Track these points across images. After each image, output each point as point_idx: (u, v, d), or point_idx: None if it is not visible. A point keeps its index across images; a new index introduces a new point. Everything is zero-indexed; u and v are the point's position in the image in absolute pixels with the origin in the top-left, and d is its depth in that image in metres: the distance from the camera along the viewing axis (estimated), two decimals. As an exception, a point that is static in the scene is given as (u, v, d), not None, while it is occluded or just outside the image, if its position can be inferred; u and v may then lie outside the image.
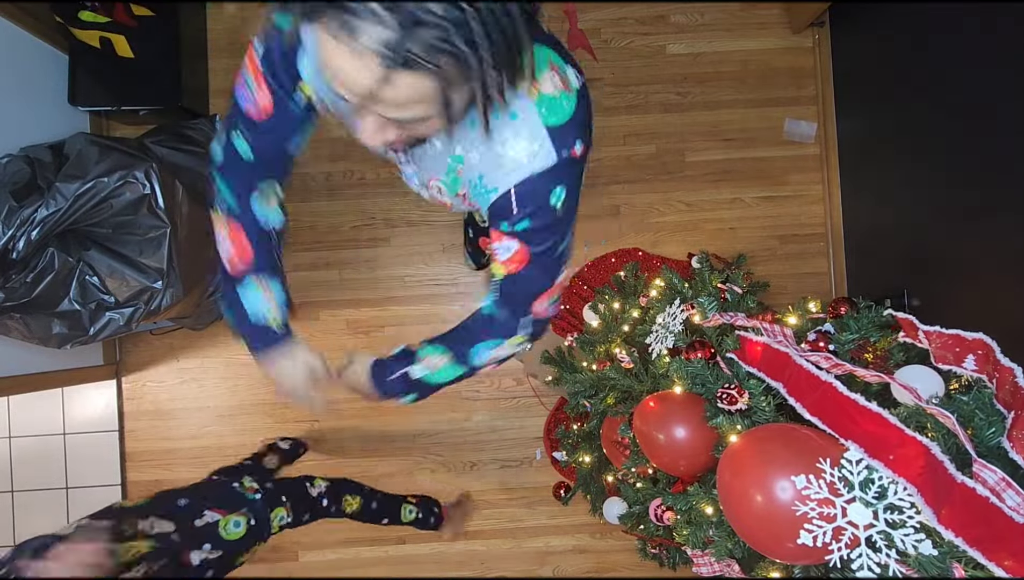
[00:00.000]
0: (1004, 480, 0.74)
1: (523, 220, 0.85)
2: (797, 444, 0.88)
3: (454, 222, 2.28)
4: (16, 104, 1.84)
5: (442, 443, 2.30)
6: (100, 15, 1.83)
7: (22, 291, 1.62)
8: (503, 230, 0.88)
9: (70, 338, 1.73)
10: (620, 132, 2.27)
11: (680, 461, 1.17)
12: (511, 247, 0.89)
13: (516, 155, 0.81)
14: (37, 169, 1.63)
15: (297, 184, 2.28)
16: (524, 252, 0.89)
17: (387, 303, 2.29)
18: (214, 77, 2.27)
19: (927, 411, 0.83)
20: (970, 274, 1.60)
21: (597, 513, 1.76)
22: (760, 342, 1.07)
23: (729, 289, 1.46)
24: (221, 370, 2.28)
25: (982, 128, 1.51)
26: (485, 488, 2.31)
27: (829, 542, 0.80)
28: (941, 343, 0.89)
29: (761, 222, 2.30)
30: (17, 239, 1.55)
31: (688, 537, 1.15)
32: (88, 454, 2.26)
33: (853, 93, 2.14)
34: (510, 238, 0.88)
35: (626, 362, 1.52)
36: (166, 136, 1.98)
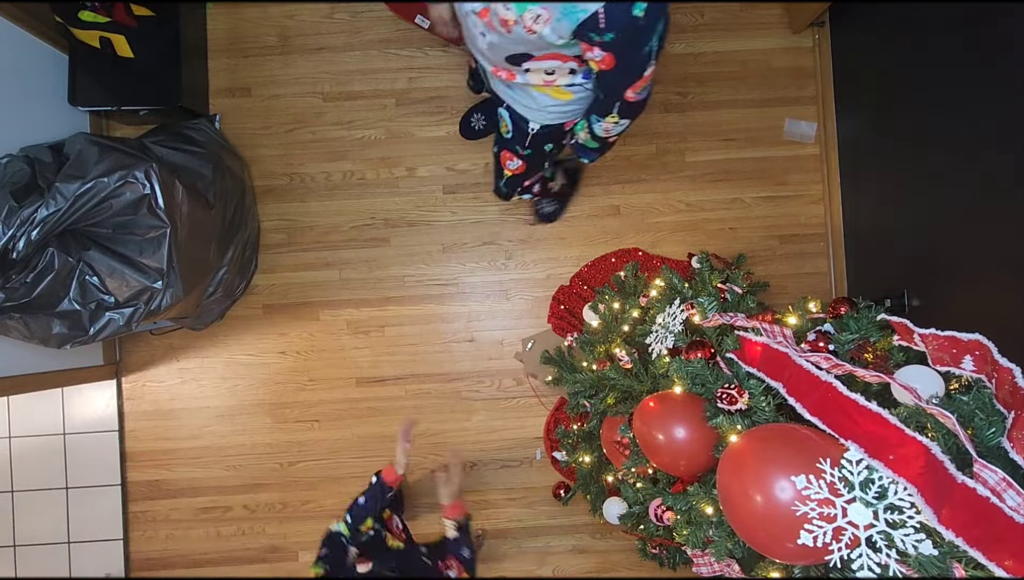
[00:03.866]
0: (1005, 480, 0.74)
1: (607, 33, 1.01)
2: (797, 444, 0.88)
3: (454, 222, 2.28)
4: (16, 104, 1.84)
5: (442, 443, 2.30)
6: (100, 15, 1.83)
7: (22, 291, 1.62)
8: (592, 40, 1.04)
9: (70, 338, 1.73)
10: (620, 132, 2.27)
11: (680, 461, 1.17)
12: (599, 55, 1.07)
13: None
14: (37, 169, 1.63)
15: (297, 184, 2.28)
16: (610, 57, 1.07)
17: (387, 303, 2.29)
18: (214, 77, 2.27)
19: (927, 411, 0.83)
20: (970, 274, 1.60)
21: (597, 513, 1.76)
22: (760, 342, 1.07)
23: (729, 289, 1.46)
24: (221, 370, 2.28)
25: (982, 128, 1.51)
26: (485, 488, 2.31)
27: (829, 542, 0.80)
28: (937, 345, 0.89)
29: (761, 222, 2.30)
30: (17, 239, 1.55)
31: (688, 537, 1.15)
32: (88, 454, 2.26)
33: (853, 93, 2.14)
34: (598, 48, 1.05)
35: (626, 362, 1.52)
36: (166, 136, 1.98)
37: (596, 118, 1.30)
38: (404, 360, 2.29)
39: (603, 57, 1.07)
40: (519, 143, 1.52)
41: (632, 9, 0.97)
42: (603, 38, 1.02)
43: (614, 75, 1.12)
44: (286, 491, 2.29)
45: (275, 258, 2.29)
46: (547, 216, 2.25)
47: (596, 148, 1.44)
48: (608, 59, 1.07)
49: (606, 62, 1.08)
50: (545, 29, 1.05)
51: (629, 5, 0.96)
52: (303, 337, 2.29)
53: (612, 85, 1.17)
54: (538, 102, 1.37)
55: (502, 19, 1.07)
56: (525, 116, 1.43)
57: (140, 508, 2.28)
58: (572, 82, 1.29)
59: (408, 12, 2.19)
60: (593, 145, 1.42)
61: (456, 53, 2.27)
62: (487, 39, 1.18)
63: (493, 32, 1.14)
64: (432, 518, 2.24)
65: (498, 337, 2.30)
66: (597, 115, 1.28)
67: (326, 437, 2.28)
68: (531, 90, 1.34)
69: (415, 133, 2.28)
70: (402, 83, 2.28)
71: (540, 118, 1.41)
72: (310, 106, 2.28)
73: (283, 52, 2.27)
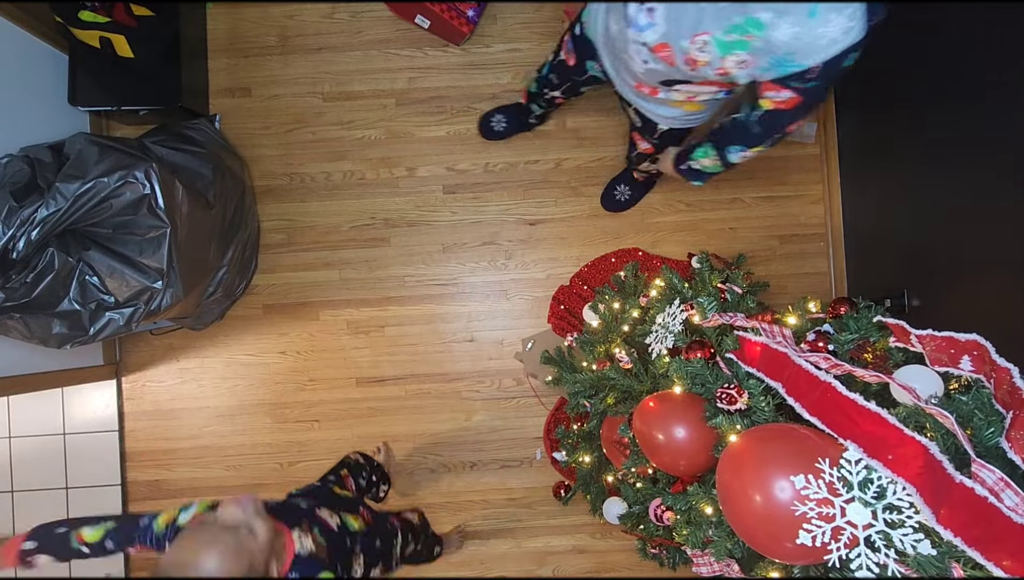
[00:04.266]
0: (1002, 480, 0.74)
1: (813, 81, 0.98)
2: (796, 444, 0.88)
3: (454, 222, 2.29)
4: (16, 104, 1.84)
5: (442, 443, 2.30)
6: (100, 15, 1.83)
7: (22, 291, 1.62)
8: (789, 86, 1.01)
9: (70, 338, 1.73)
10: (621, 132, 2.27)
11: (680, 461, 1.17)
12: (787, 96, 1.03)
13: (833, 33, 0.90)
14: (37, 169, 1.63)
15: (297, 184, 2.28)
16: (797, 99, 1.04)
17: (387, 303, 2.29)
18: (214, 77, 2.27)
19: (926, 411, 0.83)
20: (970, 274, 1.60)
21: (597, 513, 1.76)
22: (759, 342, 1.07)
23: (729, 289, 1.46)
24: (221, 370, 2.28)
25: (982, 128, 1.51)
26: (485, 488, 2.31)
27: (828, 542, 0.80)
28: (935, 346, 0.89)
29: (761, 222, 2.30)
30: (17, 239, 1.55)
31: (688, 537, 1.15)
32: (88, 454, 2.27)
33: (853, 93, 2.14)
34: (789, 91, 1.02)
35: (626, 362, 1.52)
36: (166, 136, 1.98)
37: (739, 148, 1.25)
38: (404, 360, 2.29)
39: (789, 99, 1.04)
40: (649, 133, 1.51)
41: (844, 61, 0.94)
42: (805, 85, 0.99)
43: (789, 114, 1.09)
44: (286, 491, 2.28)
45: (275, 258, 2.29)
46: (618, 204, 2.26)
47: (716, 173, 1.38)
48: (793, 101, 1.04)
49: (788, 104, 1.05)
50: (742, 73, 1.02)
51: (844, 58, 0.94)
52: (303, 337, 2.29)
53: (781, 123, 1.14)
54: (670, 112, 1.36)
55: (689, 59, 1.04)
56: (653, 119, 1.42)
57: (140, 508, 2.28)
58: (714, 98, 1.26)
59: (408, 12, 2.19)
60: (716, 171, 1.36)
61: (456, 53, 2.27)
62: (648, 66, 1.15)
63: (662, 63, 1.11)
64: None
65: (498, 337, 2.30)
66: (744, 145, 1.23)
67: (326, 437, 2.29)
68: (666, 105, 1.33)
69: (415, 133, 2.28)
70: (402, 83, 2.28)
71: (669, 124, 1.42)
72: (310, 106, 2.28)
73: (283, 52, 2.27)
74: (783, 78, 0.99)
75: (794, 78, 0.98)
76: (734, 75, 1.03)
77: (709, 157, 1.32)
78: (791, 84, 1.00)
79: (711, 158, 1.32)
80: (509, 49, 2.27)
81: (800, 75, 0.97)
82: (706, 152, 1.32)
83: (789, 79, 0.99)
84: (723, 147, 1.27)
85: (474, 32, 2.23)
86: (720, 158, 1.30)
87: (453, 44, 2.26)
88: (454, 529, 2.26)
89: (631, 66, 1.21)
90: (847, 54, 0.93)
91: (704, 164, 1.35)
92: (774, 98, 1.06)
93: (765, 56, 0.97)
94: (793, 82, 0.99)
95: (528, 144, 2.28)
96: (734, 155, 1.27)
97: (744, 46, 0.97)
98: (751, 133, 1.19)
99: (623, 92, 1.41)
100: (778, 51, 0.95)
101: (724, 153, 1.28)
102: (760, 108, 1.11)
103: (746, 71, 1.01)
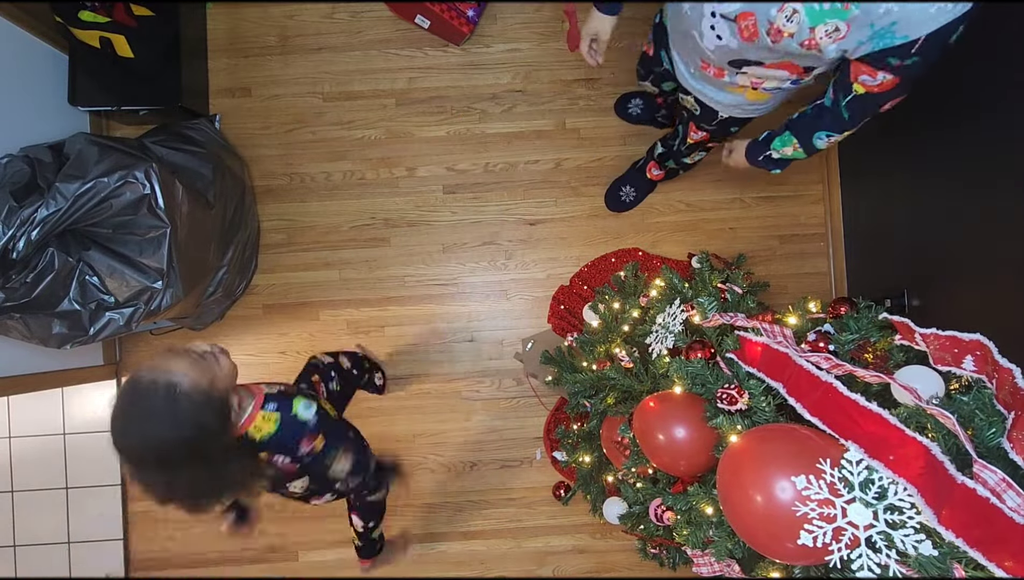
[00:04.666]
0: (1004, 481, 0.74)
1: (914, 58, 0.88)
2: (797, 444, 0.88)
3: (454, 222, 2.28)
4: (16, 104, 1.84)
5: (442, 443, 2.30)
6: (100, 15, 1.83)
7: (22, 291, 1.62)
8: (886, 65, 0.91)
9: (70, 338, 1.73)
10: (620, 132, 2.27)
11: (680, 461, 1.17)
12: (883, 78, 0.94)
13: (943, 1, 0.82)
14: (37, 169, 1.63)
15: (297, 184, 2.28)
16: (894, 81, 0.95)
17: (387, 303, 2.29)
18: (214, 77, 2.27)
19: (927, 412, 0.83)
20: (970, 274, 1.60)
21: (597, 513, 1.76)
22: (760, 342, 1.07)
23: (729, 289, 1.46)
24: (221, 370, 2.28)
25: (982, 128, 1.51)
26: (485, 488, 2.31)
27: (829, 542, 0.80)
28: (938, 345, 0.89)
29: (761, 222, 2.30)
30: (17, 239, 1.55)
31: (688, 537, 1.15)
32: (88, 454, 2.26)
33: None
34: (886, 71, 0.93)
35: (626, 362, 1.52)
36: (166, 136, 1.98)
37: (827, 133, 1.18)
38: (404, 360, 2.29)
39: (884, 81, 0.95)
40: (706, 121, 1.47)
41: (950, 37, 0.86)
42: (904, 62, 0.90)
43: (885, 96, 1.00)
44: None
45: (275, 258, 2.29)
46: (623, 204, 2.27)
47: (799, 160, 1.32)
48: (890, 83, 0.95)
49: (884, 86, 0.96)
50: (832, 46, 0.93)
51: (950, 32, 0.85)
52: (303, 337, 2.29)
53: (872, 106, 1.05)
54: (732, 99, 1.32)
55: (775, 29, 0.96)
56: (713, 107, 1.39)
57: (140, 508, 2.27)
58: (779, 87, 1.21)
59: (408, 12, 2.19)
60: (799, 157, 1.30)
61: (456, 53, 2.27)
62: (722, 42, 1.09)
63: (737, 38, 1.05)
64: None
65: (498, 337, 2.30)
66: (832, 132, 1.17)
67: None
68: (728, 91, 1.28)
69: (415, 133, 2.28)
70: (402, 83, 2.28)
71: (729, 112, 1.39)
72: (310, 106, 2.28)
73: (283, 52, 2.27)
74: (879, 55, 0.90)
75: (892, 54, 0.88)
76: (824, 48, 0.94)
77: (790, 145, 1.27)
78: (889, 62, 0.90)
79: (792, 146, 1.27)
80: (509, 49, 2.27)
81: (900, 50, 0.87)
82: (786, 141, 1.27)
83: (886, 55, 0.89)
84: (808, 133, 1.21)
85: (474, 32, 2.23)
86: (804, 145, 1.25)
87: (453, 44, 2.26)
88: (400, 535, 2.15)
89: (700, 44, 1.15)
90: (956, 26, 0.84)
91: (786, 153, 1.30)
92: (868, 83, 0.97)
93: (863, 27, 0.88)
94: (891, 59, 0.90)
95: (528, 144, 2.28)
96: (821, 141, 1.21)
97: (840, 15, 0.88)
98: (840, 119, 1.11)
99: (684, 80, 1.37)
100: (879, 21, 0.86)
101: (810, 140, 1.22)
102: (852, 93, 1.02)
103: (838, 44, 0.92)
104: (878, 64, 0.93)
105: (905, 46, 0.87)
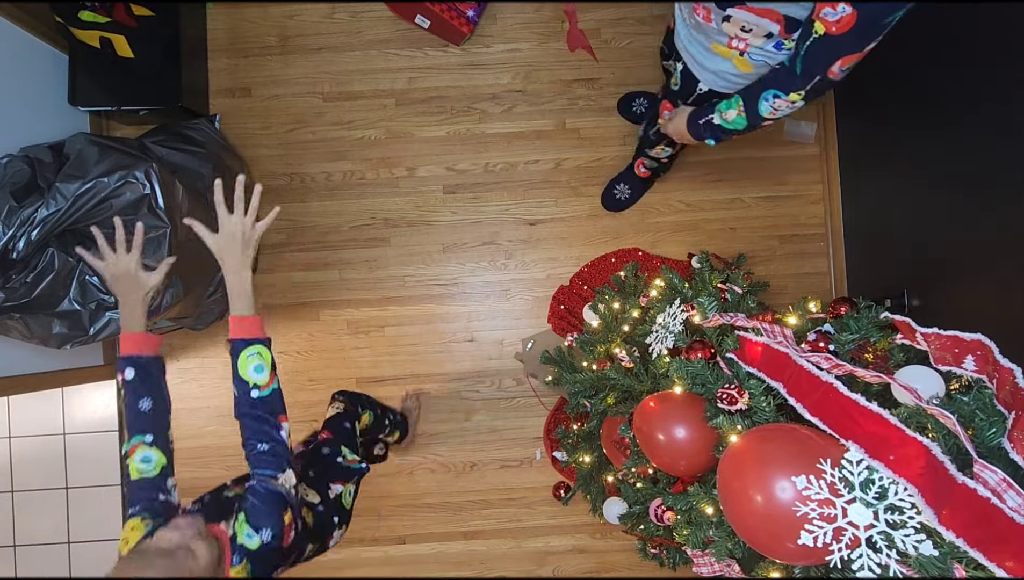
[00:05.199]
0: (1005, 481, 0.74)
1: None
2: (797, 444, 0.88)
3: (454, 222, 2.28)
4: (16, 104, 1.84)
5: (442, 443, 2.30)
6: (100, 15, 1.83)
7: (22, 291, 1.62)
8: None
9: (70, 338, 1.73)
10: (620, 132, 2.27)
11: (680, 461, 1.17)
12: (843, 11, 0.97)
13: None
14: (37, 169, 1.63)
15: (297, 184, 2.28)
16: (852, 16, 0.97)
17: (387, 303, 2.29)
18: (214, 77, 2.27)
19: (928, 411, 0.83)
20: (970, 274, 1.60)
21: (597, 513, 1.76)
22: (760, 342, 1.07)
23: (729, 289, 1.46)
24: (220, 370, 2.28)
25: (982, 127, 1.51)
26: (485, 488, 2.31)
27: (829, 542, 0.80)
28: (940, 344, 0.89)
29: (761, 222, 2.30)
30: (17, 239, 1.55)
31: (688, 537, 1.15)
32: (88, 454, 2.26)
33: (853, 93, 2.14)
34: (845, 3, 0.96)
35: (626, 362, 1.52)
36: (166, 136, 1.98)
37: (773, 93, 1.16)
38: (404, 360, 2.29)
39: (843, 17, 0.97)
40: (683, 97, 1.46)
41: None
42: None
43: (839, 42, 1.02)
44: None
45: (275, 258, 2.28)
46: (618, 203, 2.26)
47: (738, 131, 1.29)
48: (848, 19, 0.97)
49: (843, 23, 0.98)
50: None
51: None
52: (303, 337, 2.29)
53: (826, 55, 1.06)
54: (716, 64, 1.30)
55: None
56: (697, 76, 1.37)
57: (140, 508, 2.27)
58: (762, 49, 1.19)
59: (408, 12, 2.19)
60: (738, 128, 1.27)
61: (456, 53, 2.27)
62: None
63: None
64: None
65: (498, 337, 2.30)
66: (780, 90, 1.15)
67: (326, 437, 2.28)
68: (715, 52, 1.27)
69: (415, 133, 2.28)
70: (402, 83, 2.28)
71: (711, 81, 1.36)
72: (310, 106, 2.28)
73: (283, 52, 2.27)
74: None
75: None
76: None
77: (735, 109, 1.24)
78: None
79: (737, 109, 1.24)
80: (509, 49, 2.27)
81: None
82: (732, 104, 1.25)
83: None
84: (756, 94, 1.20)
85: (474, 32, 2.23)
86: (747, 109, 1.22)
87: (453, 44, 2.26)
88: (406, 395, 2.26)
89: None
90: None
91: (728, 117, 1.27)
92: (829, 17, 0.99)
93: None
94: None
95: (528, 144, 2.28)
96: (765, 104, 1.18)
97: None
98: (792, 75, 1.12)
99: (679, 39, 1.37)
100: None
101: (756, 103, 1.20)
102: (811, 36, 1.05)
103: None
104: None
105: None
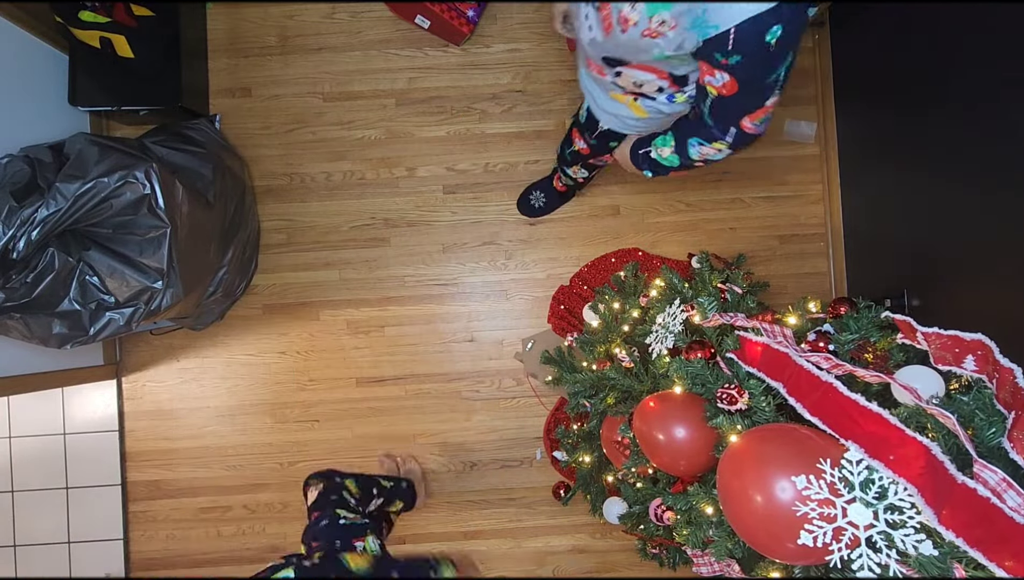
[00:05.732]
0: (1005, 481, 0.74)
1: (735, 55, 0.94)
2: (797, 444, 0.88)
3: (454, 222, 2.28)
4: (16, 104, 1.84)
5: (442, 443, 2.30)
6: (100, 15, 1.83)
7: (22, 291, 1.62)
8: (715, 62, 0.98)
9: (70, 338, 1.73)
10: (620, 132, 2.27)
11: (680, 461, 1.17)
12: (722, 78, 1.00)
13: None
14: (37, 169, 1.63)
15: (297, 184, 2.28)
16: (733, 83, 1.00)
17: (387, 303, 2.29)
18: (214, 77, 2.27)
19: (927, 411, 0.83)
20: (970, 274, 1.60)
21: (597, 513, 1.76)
22: (760, 342, 1.07)
23: (729, 289, 1.46)
24: (221, 370, 2.28)
25: (982, 128, 1.51)
26: (485, 488, 2.31)
27: (829, 542, 0.80)
28: (940, 344, 0.89)
29: (761, 222, 2.30)
30: (17, 239, 1.55)
31: (688, 537, 1.15)
32: (88, 454, 2.26)
33: (853, 93, 2.14)
34: (721, 70, 0.99)
35: (626, 362, 1.52)
36: (166, 136, 1.98)
37: (698, 141, 1.19)
38: (404, 360, 2.29)
39: (725, 82, 1.00)
40: (588, 131, 1.50)
41: (765, 35, 0.90)
42: (729, 60, 0.95)
43: (733, 102, 1.05)
44: (286, 491, 2.28)
45: (275, 258, 2.29)
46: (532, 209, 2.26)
47: (674, 167, 1.32)
48: (731, 84, 1.00)
49: (728, 88, 1.01)
50: (669, 34, 0.99)
51: (763, 30, 0.89)
52: (303, 337, 2.29)
53: (729, 113, 1.09)
54: (614, 108, 1.34)
55: (623, 17, 1.02)
56: (597, 116, 1.42)
57: (140, 508, 2.28)
58: (656, 100, 1.24)
59: (408, 12, 2.19)
60: (673, 165, 1.30)
61: (456, 53, 2.27)
62: (592, 34, 1.14)
63: (601, 29, 1.10)
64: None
65: (498, 337, 2.30)
66: (702, 139, 1.18)
67: (326, 437, 2.28)
68: (613, 98, 1.31)
69: (415, 133, 2.28)
70: (402, 83, 2.28)
71: (610, 122, 1.41)
72: (310, 106, 2.28)
73: (283, 52, 2.27)
74: (705, 50, 0.96)
75: (715, 47, 0.94)
76: (660, 42, 1.01)
77: (668, 146, 1.28)
78: (716, 59, 0.96)
79: (670, 148, 1.27)
80: (509, 49, 2.27)
81: (718, 43, 0.93)
82: (666, 141, 1.28)
83: (711, 49, 0.95)
84: (684, 137, 1.23)
85: (474, 32, 2.23)
86: (679, 150, 1.25)
87: (453, 44, 2.26)
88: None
89: (582, 35, 1.19)
90: (769, 23, 0.89)
91: (663, 153, 1.30)
92: (712, 83, 1.03)
93: (686, 16, 0.95)
94: (717, 54, 0.95)
95: (528, 144, 2.28)
96: (693, 149, 1.22)
97: (667, 7, 0.95)
98: (706, 126, 1.15)
99: (581, 80, 1.41)
100: (696, 9, 0.93)
101: (684, 144, 1.23)
102: (708, 96, 1.08)
103: (673, 33, 0.98)
104: (710, 60, 0.98)
105: (721, 38, 0.93)
